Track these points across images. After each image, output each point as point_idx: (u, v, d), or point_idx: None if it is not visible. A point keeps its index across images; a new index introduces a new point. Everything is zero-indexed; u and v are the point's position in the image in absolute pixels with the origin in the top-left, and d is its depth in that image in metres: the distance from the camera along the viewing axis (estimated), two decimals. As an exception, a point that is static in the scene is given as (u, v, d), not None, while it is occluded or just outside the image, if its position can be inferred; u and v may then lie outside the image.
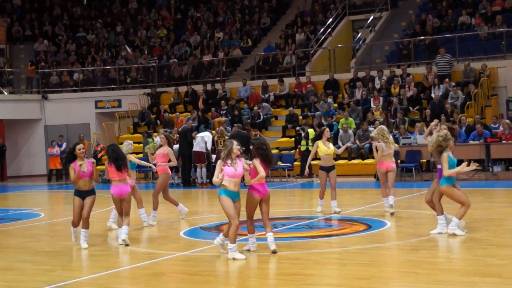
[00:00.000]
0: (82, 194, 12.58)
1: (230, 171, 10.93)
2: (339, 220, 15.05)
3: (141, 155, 28.13)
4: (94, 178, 12.75)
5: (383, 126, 16.36)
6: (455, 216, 12.10)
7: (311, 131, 26.30)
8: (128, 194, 12.88)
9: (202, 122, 30.21)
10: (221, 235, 11.45)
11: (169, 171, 15.74)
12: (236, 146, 11.09)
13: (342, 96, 30.13)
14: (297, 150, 27.05)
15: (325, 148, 15.87)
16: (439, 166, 12.30)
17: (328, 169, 15.99)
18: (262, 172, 11.11)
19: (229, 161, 11.01)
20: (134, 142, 30.02)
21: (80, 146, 12.46)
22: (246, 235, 11.64)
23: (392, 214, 15.13)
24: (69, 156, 12.56)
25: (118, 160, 12.74)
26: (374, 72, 30.20)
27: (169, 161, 15.56)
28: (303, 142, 26.30)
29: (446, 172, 11.83)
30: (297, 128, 27.74)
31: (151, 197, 15.79)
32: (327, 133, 16.07)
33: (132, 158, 15.25)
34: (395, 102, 27.43)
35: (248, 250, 11.41)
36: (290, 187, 23.89)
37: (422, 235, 12.28)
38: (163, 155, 15.56)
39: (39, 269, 11.13)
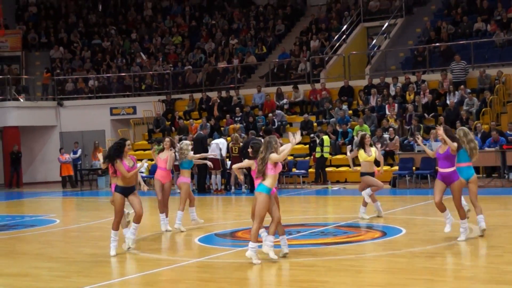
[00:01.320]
0: (125, 191, 12.35)
1: (279, 168, 11.21)
2: (354, 227, 15.02)
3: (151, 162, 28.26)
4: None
5: (365, 133, 16.94)
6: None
7: (326, 138, 26.32)
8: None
9: (215, 130, 30.23)
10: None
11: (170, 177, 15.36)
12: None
13: (357, 103, 30.09)
14: (312, 157, 27.04)
15: (364, 155, 15.69)
16: (442, 170, 12.31)
17: (368, 176, 15.85)
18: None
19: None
20: (147, 149, 30.12)
21: (128, 142, 12.45)
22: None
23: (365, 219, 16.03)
24: (117, 152, 12.43)
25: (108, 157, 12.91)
26: (389, 79, 30.15)
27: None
28: (318, 149, 26.30)
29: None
30: (312, 135, 27.72)
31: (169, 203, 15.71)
32: (367, 140, 15.88)
33: (191, 156, 15.46)
34: (410, 109, 27.35)
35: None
36: (304, 194, 23.85)
37: (438, 242, 12.24)
38: (166, 160, 15.19)
39: (54, 276, 11.16)
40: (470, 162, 12.73)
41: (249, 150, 11.80)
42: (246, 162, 11.98)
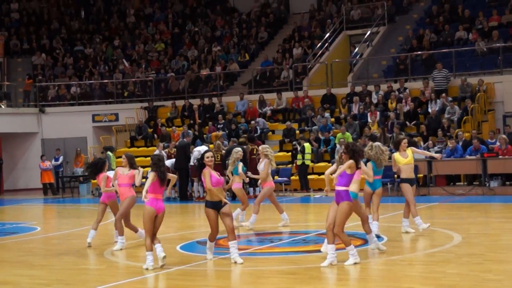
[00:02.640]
0: (216, 205, 11.86)
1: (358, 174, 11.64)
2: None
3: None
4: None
5: (267, 145, 17.33)
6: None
7: (307, 145, 26.37)
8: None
9: (198, 137, 30.18)
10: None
11: (134, 194, 14.32)
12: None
13: (339, 110, 30.16)
14: (294, 165, 27.05)
15: (401, 158, 14.57)
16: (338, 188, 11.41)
17: (411, 182, 14.65)
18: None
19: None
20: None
21: (209, 154, 12.19)
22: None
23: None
24: (200, 165, 12.25)
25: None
26: (371, 86, 30.26)
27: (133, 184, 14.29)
28: (299, 156, 26.37)
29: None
30: (294, 142, 27.76)
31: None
32: (404, 145, 14.60)
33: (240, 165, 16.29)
34: (391, 117, 27.46)
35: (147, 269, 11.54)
36: (286, 202, 23.82)
37: (418, 250, 12.28)
38: (130, 177, 14.06)
39: (35, 283, 11.11)
40: (379, 176, 14.02)
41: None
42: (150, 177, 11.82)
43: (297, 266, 11.46)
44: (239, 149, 16.79)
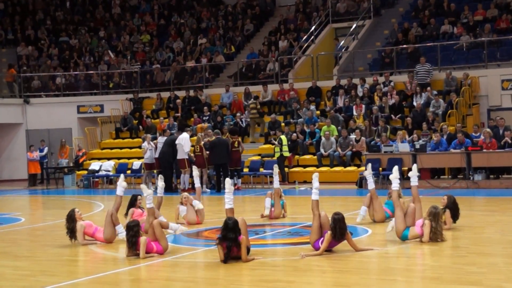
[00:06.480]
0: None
1: None
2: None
3: (119, 161, 27.95)
4: None
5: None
6: None
7: (283, 138, 26.55)
8: None
9: (179, 129, 30.07)
10: None
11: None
12: None
13: (325, 103, 30.20)
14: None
15: None
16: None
17: None
18: None
19: None
20: (114, 148, 30.04)
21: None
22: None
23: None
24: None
25: None
26: (357, 79, 30.32)
27: None
28: (277, 148, 26.54)
29: None
30: (270, 139, 28.25)
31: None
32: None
33: None
34: (375, 111, 27.51)
35: None
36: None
37: (403, 243, 12.31)
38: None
39: (19, 274, 11.07)
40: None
41: None
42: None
43: (282, 258, 11.50)
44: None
